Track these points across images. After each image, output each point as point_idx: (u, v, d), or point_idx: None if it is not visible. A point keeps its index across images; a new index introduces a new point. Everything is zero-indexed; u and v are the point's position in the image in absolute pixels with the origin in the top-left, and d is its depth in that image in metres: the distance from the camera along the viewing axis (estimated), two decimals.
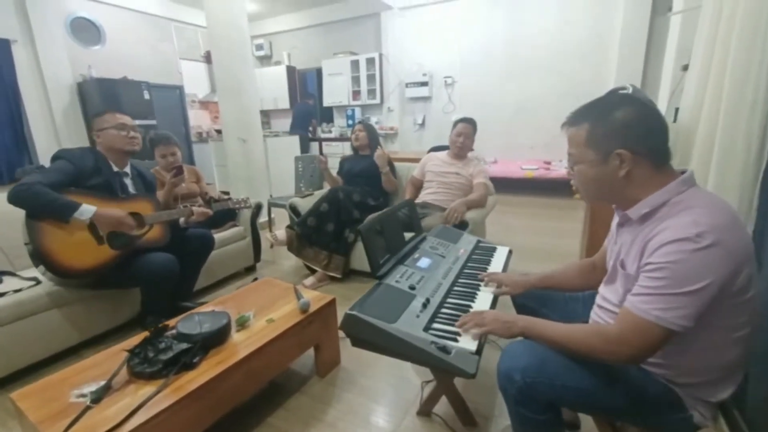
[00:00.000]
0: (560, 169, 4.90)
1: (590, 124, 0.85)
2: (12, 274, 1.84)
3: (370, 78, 6.24)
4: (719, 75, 1.41)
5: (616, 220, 0.98)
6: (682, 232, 0.74)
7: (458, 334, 1.03)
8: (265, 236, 2.75)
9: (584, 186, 0.91)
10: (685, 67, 1.72)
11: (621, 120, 0.82)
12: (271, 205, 3.41)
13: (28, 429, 1.04)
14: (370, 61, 6.15)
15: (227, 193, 3.09)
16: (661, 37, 3.91)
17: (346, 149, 5.83)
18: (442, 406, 1.39)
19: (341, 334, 1.05)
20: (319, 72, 6.77)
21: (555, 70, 5.08)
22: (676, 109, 1.78)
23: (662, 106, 2.09)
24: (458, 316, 1.11)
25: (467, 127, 2.52)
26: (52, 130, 4.77)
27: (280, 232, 2.50)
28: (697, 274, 0.72)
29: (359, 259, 2.49)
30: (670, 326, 0.74)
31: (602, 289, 1.02)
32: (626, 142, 0.81)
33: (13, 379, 1.61)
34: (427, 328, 1.05)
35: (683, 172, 0.83)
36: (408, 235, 1.61)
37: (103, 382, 1.07)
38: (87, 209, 1.60)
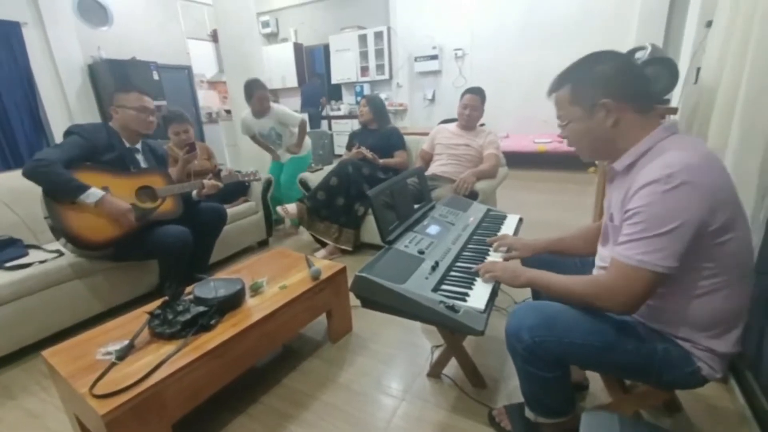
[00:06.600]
0: None
1: (572, 84, 0.89)
2: (37, 247, 1.92)
3: (379, 53, 6.11)
4: (745, 31, 1.33)
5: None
6: (654, 174, 0.76)
7: (467, 294, 1.04)
8: (277, 210, 2.77)
9: (578, 143, 0.95)
10: (709, 24, 1.63)
11: (600, 72, 0.86)
12: None
13: (60, 383, 1.11)
14: (379, 35, 6.01)
15: (239, 172, 3.11)
16: None
17: (355, 126, 5.78)
18: (452, 369, 1.42)
19: (353, 302, 1.08)
20: (326, 48, 6.66)
21: (572, 40, 4.85)
22: (698, 69, 1.70)
23: (683, 66, 2.00)
24: (467, 278, 1.12)
25: (473, 98, 2.45)
26: (66, 112, 4.83)
27: (291, 206, 2.53)
28: (670, 214, 0.74)
29: (369, 232, 2.51)
30: (654, 268, 0.76)
31: (599, 249, 1.02)
32: (608, 92, 0.84)
33: (43, 345, 1.69)
34: (435, 289, 1.07)
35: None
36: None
37: (126, 342, 1.12)
38: (94, 193, 1.63)
